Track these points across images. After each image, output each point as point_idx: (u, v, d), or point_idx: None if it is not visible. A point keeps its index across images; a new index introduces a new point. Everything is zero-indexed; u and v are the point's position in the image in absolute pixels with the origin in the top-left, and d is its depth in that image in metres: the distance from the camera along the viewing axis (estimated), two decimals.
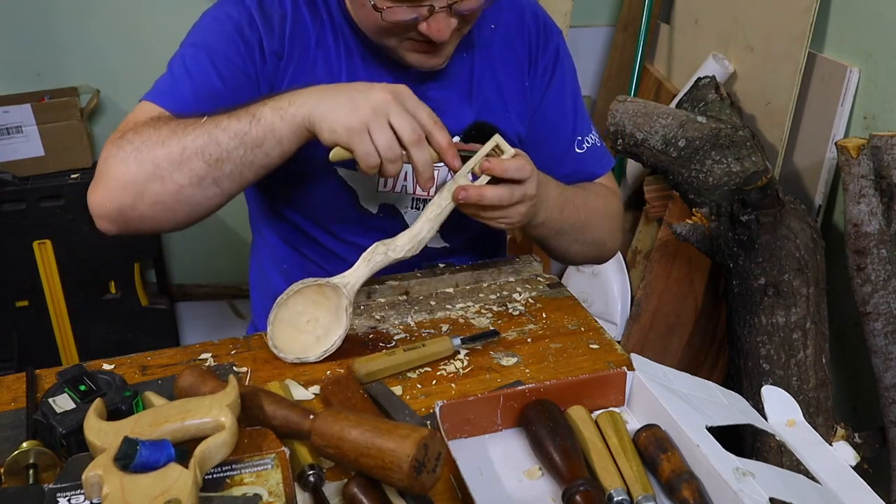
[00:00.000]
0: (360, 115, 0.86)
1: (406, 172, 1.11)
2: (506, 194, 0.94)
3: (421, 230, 0.95)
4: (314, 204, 1.12)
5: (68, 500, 0.62)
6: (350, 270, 0.93)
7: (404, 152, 0.88)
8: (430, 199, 1.12)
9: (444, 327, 0.99)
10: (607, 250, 1.23)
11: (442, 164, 0.93)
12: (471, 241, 1.21)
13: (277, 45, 1.03)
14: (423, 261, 1.15)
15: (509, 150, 0.95)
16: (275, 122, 0.90)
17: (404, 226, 1.14)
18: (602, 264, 1.37)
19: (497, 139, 0.96)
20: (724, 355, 1.86)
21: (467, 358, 0.92)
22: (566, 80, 1.19)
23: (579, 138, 1.19)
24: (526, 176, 0.94)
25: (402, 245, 0.94)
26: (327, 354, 0.91)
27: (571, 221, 1.10)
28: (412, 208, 1.14)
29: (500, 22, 1.14)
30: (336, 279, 0.92)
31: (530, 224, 1.04)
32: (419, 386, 0.88)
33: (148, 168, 0.90)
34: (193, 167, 0.90)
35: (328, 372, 0.90)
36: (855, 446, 1.51)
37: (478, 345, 0.94)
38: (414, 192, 1.12)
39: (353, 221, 1.13)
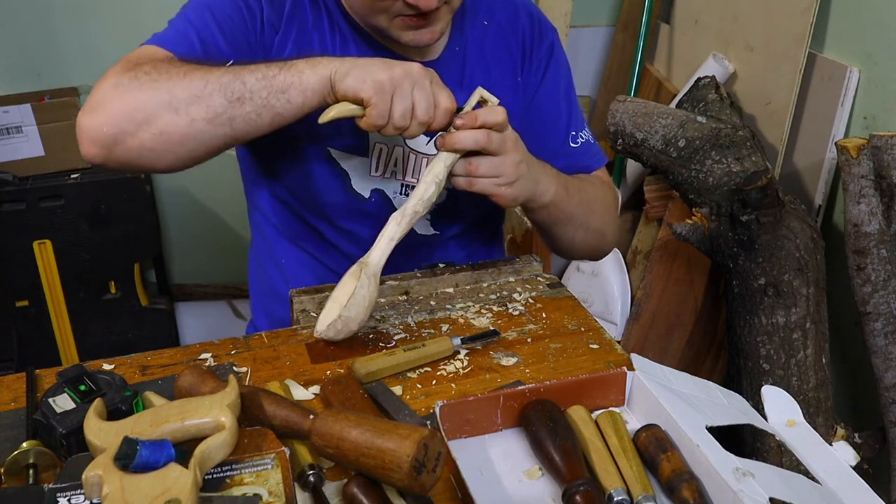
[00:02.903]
0: (390, 76, 0.89)
1: (396, 158, 1.12)
2: (481, 137, 0.94)
3: (426, 190, 0.96)
4: (308, 187, 1.13)
5: (68, 500, 0.62)
6: (371, 248, 0.96)
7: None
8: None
9: (444, 327, 0.99)
10: (607, 241, 1.24)
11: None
12: (463, 231, 1.22)
13: (276, 19, 1.04)
14: (417, 250, 1.16)
15: (494, 100, 0.99)
16: (305, 70, 0.91)
17: (394, 211, 1.15)
18: (600, 260, 1.38)
19: (480, 91, 0.99)
20: (724, 355, 1.86)
21: (467, 358, 0.92)
22: (560, 77, 1.20)
23: (573, 133, 1.20)
24: (498, 119, 0.95)
25: (411, 206, 0.96)
26: (346, 313, 0.91)
27: (577, 202, 1.11)
28: (401, 194, 1.15)
29: (493, 19, 1.15)
30: (362, 258, 0.95)
31: (539, 203, 1.06)
32: (419, 386, 0.88)
33: (163, 97, 0.89)
34: (212, 102, 0.89)
35: (328, 372, 0.90)
36: (855, 446, 1.51)
37: (478, 345, 0.94)
38: (403, 179, 1.14)
39: (345, 206, 1.14)
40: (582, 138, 1.21)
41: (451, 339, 0.93)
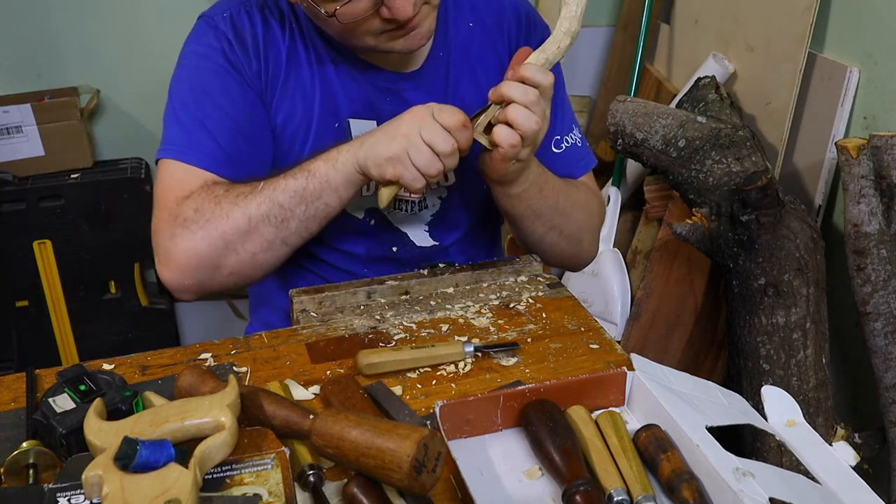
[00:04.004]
0: (397, 143, 0.91)
1: None
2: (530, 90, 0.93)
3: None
4: None
5: (68, 500, 0.62)
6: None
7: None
8: (411, 200, 1.14)
9: (444, 327, 0.99)
10: (583, 251, 1.20)
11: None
12: (461, 237, 1.21)
13: (255, 64, 1.04)
14: (418, 264, 1.16)
15: None
16: (329, 172, 0.95)
17: (392, 228, 1.15)
18: (576, 271, 1.35)
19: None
20: (724, 355, 1.86)
21: (468, 358, 0.92)
22: None
23: (557, 137, 1.17)
24: (546, 80, 0.93)
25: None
26: None
27: (550, 203, 1.09)
28: (395, 209, 1.14)
29: (479, 20, 1.14)
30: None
31: (504, 192, 1.03)
32: (419, 386, 0.88)
33: (219, 244, 0.95)
34: (262, 233, 0.95)
35: (328, 372, 0.90)
36: (855, 446, 1.51)
37: (492, 352, 0.94)
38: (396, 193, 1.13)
39: (341, 228, 1.13)
40: (567, 142, 1.18)
41: (464, 345, 0.92)
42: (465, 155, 0.94)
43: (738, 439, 1.55)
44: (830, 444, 0.76)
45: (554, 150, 1.17)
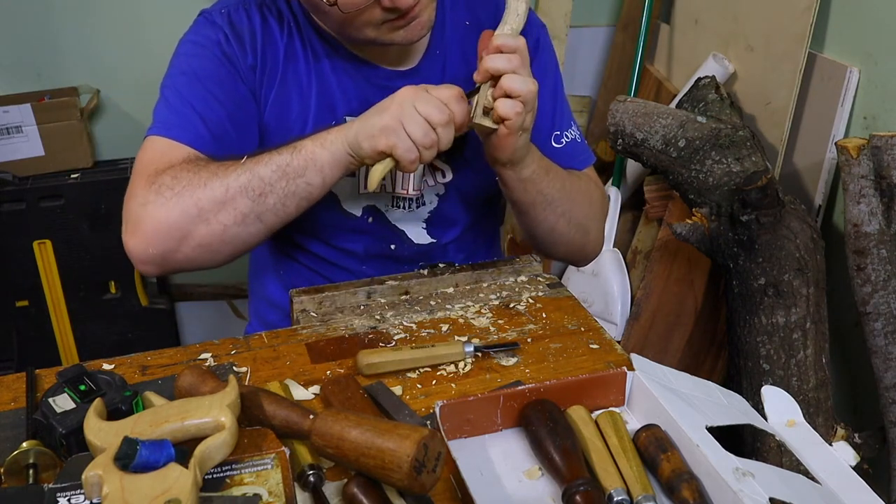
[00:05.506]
0: (390, 113, 0.90)
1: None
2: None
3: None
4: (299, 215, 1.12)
5: (68, 500, 0.62)
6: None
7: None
8: (408, 197, 1.13)
9: (444, 327, 0.99)
10: (590, 241, 1.19)
11: None
12: (459, 235, 1.21)
13: (251, 59, 1.04)
14: (417, 260, 1.16)
15: None
16: (315, 150, 0.93)
17: (390, 226, 1.15)
18: (582, 266, 1.34)
19: None
20: (724, 355, 1.86)
21: (468, 358, 0.92)
22: (546, 73, 1.16)
23: (557, 133, 1.17)
24: (520, 43, 0.94)
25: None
26: None
27: (558, 186, 1.08)
28: (393, 206, 1.14)
29: (475, 20, 1.14)
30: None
31: (518, 175, 1.02)
32: (419, 386, 0.88)
33: (192, 211, 0.92)
34: (238, 205, 0.92)
35: (328, 372, 0.90)
36: (855, 446, 1.51)
37: (492, 352, 0.94)
38: (394, 191, 1.13)
39: (339, 226, 1.13)
40: (567, 138, 1.18)
41: (464, 345, 0.92)
42: (461, 133, 0.93)
43: (738, 439, 1.55)
44: (830, 444, 0.76)
45: (554, 144, 1.17)
